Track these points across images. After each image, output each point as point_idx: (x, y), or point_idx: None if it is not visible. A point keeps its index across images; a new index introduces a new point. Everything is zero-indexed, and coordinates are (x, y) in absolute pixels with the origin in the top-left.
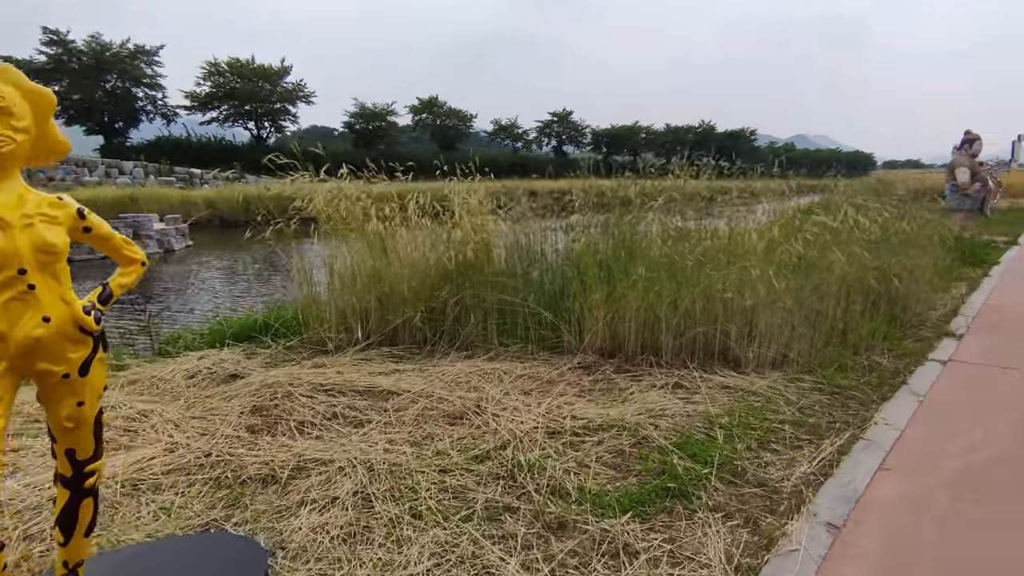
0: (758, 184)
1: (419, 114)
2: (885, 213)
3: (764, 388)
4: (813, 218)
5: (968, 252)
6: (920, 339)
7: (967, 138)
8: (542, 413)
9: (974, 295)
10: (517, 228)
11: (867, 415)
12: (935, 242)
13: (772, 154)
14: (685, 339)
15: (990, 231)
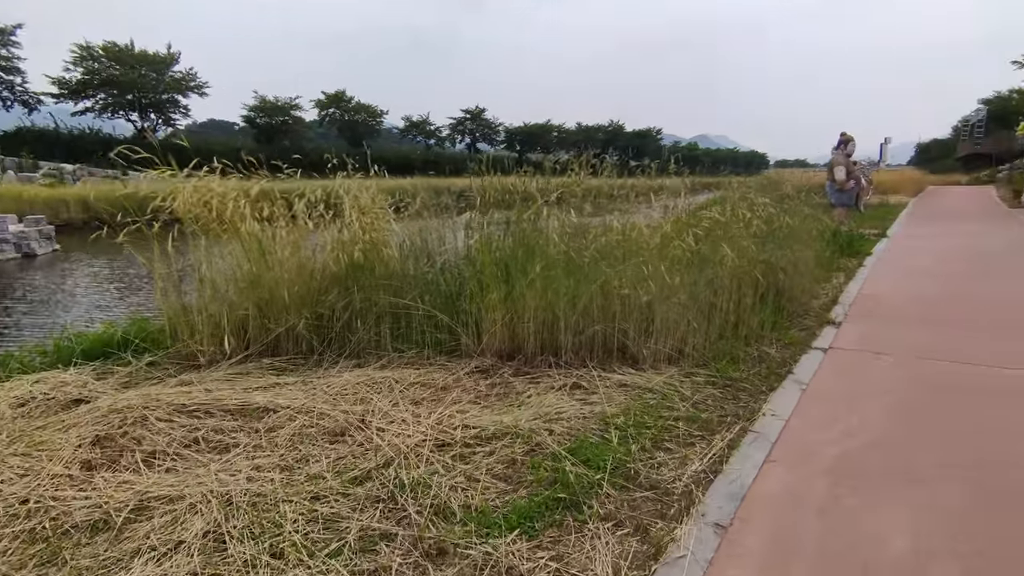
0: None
1: (326, 109)
2: (771, 209)
3: (660, 384)
4: (703, 214)
5: (846, 244)
6: (805, 328)
7: (843, 139)
8: (432, 424)
9: (851, 284)
10: (412, 226)
11: (756, 407)
12: (816, 236)
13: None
14: (584, 337)
15: (864, 225)
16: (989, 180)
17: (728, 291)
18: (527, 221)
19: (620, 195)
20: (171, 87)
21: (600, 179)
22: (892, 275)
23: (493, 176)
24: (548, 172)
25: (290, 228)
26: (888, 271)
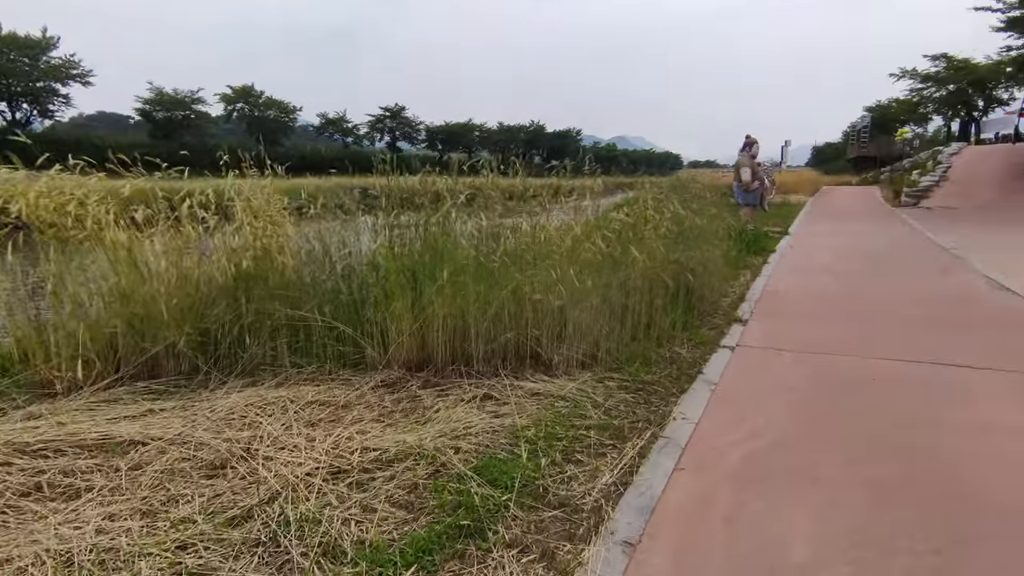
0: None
1: (232, 104)
2: (680, 210)
3: (573, 391)
4: (613, 215)
5: (752, 242)
6: (714, 327)
7: (747, 141)
8: (328, 448)
9: (757, 281)
10: (312, 230)
11: (667, 410)
12: (724, 235)
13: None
14: (497, 345)
15: (768, 223)
16: (874, 181)
17: (640, 293)
18: (435, 224)
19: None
20: (48, 75)
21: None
22: (793, 272)
23: (399, 175)
24: (456, 172)
25: (173, 234)
26: (789, 268)
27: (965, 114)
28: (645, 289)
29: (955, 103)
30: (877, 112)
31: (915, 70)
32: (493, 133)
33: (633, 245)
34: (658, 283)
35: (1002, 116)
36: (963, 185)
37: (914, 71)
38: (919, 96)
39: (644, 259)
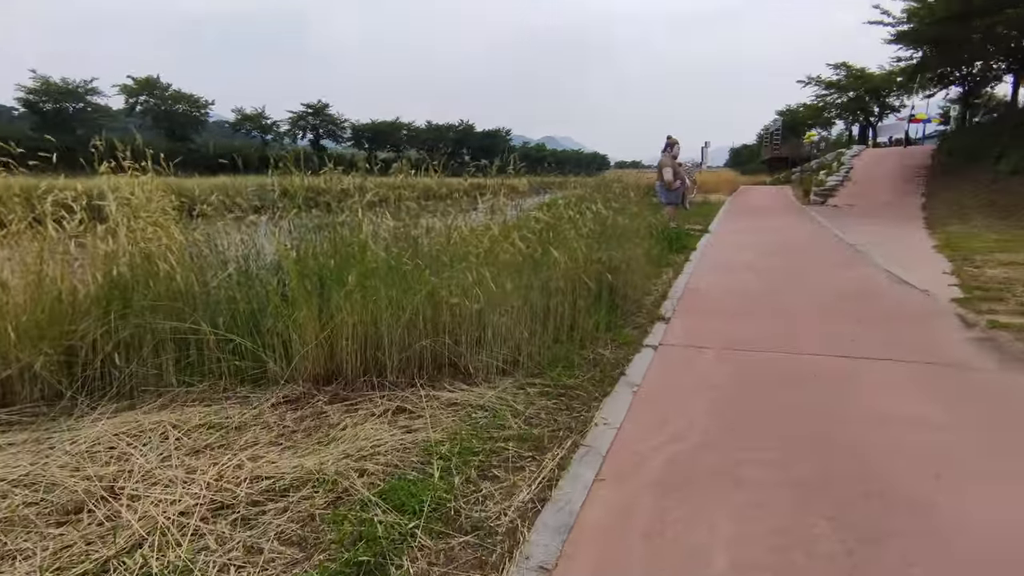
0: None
1: (134, 96)
2: (603, 210)
3: (493, 400)
4: (535, 215)
5: (674, 240)
6: (637, 326)
7: (669, 142)
8: (211, 480)
9: (679, 279)
10: (204, 232)
11: (589, 416)
12: (647, 234)
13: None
14: (412, 353)
15: (690, 221)
16: (786, 181)
17: (563, 294)
18: (344, 225)
19: (454, 196)
20: None
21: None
22: (713, 269)
23: (302, 174)
24: (364, 169)
25: (31, 237)
26: (710, 265)
27: (863, 119)
28: (568, 290)
29: (854, 109)
30: (787, 116)
31: (819, 77)
32: (421, 132)
33: (554, 246)
34: (581, 284)
35: (895, 122)
36: (863, 185)
37: (819, 78)
38: (823, 102)
39: (566, 260)
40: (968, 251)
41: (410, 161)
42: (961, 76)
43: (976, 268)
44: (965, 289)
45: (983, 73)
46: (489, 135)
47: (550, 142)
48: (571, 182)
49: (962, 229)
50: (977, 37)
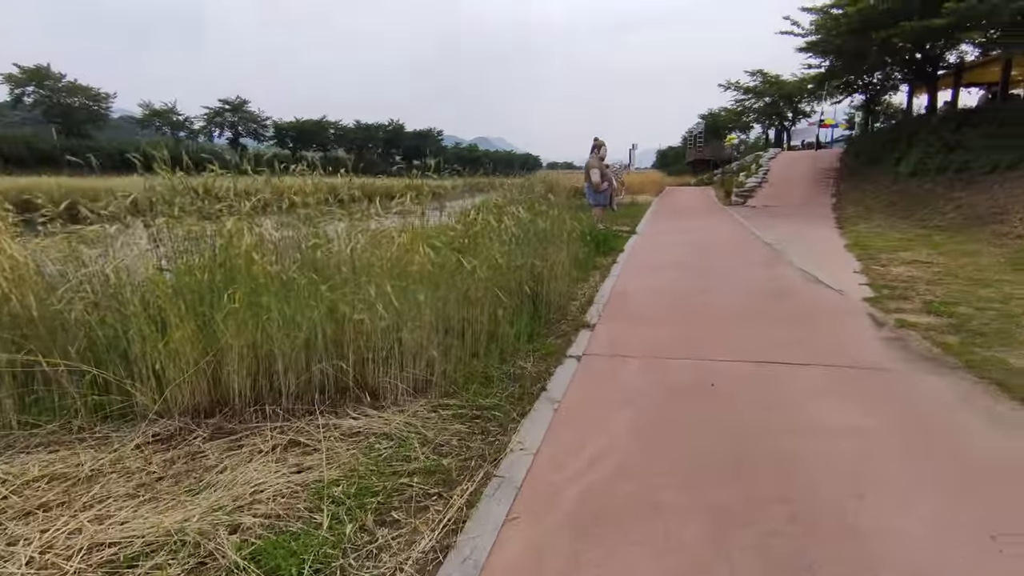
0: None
1: (21, 87)
2: (523, 213)
3: (401, 426)
4: (452, 222)
5: (602, 243)
6: (562, 335)
7: (596, 144)
8: (35, 554)
9: (606, 282)
10: (36, 247)
11: (504, 440)
12: (574, 236)
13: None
14: (311, 376)
15: (618, 222)
16: (709, 182)
17: (482, 304)
18: (229, 233)
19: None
20: None
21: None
22: (640, 271)
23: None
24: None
25: None
26: (637, 267)
27: (778, 123)
28: (488, 300)
29: (770, 113)
30: (710, 119)
31: (738, 83)
32: (349, 131)
33: (473, 254)
34: (505, 291)
35: (807, 126)
36: (780, 186)
37: (737, 83)
38: (742, 106)
39: (484, 268)
40: (875, 250)
41: (313, 162)
42: (863, 85)
43: (883, 267)
44: (874, 288)
45: (882, 83)
46: (420, 135)
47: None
48: (505, 183)
49: (868, 228)
50: (875, 49)
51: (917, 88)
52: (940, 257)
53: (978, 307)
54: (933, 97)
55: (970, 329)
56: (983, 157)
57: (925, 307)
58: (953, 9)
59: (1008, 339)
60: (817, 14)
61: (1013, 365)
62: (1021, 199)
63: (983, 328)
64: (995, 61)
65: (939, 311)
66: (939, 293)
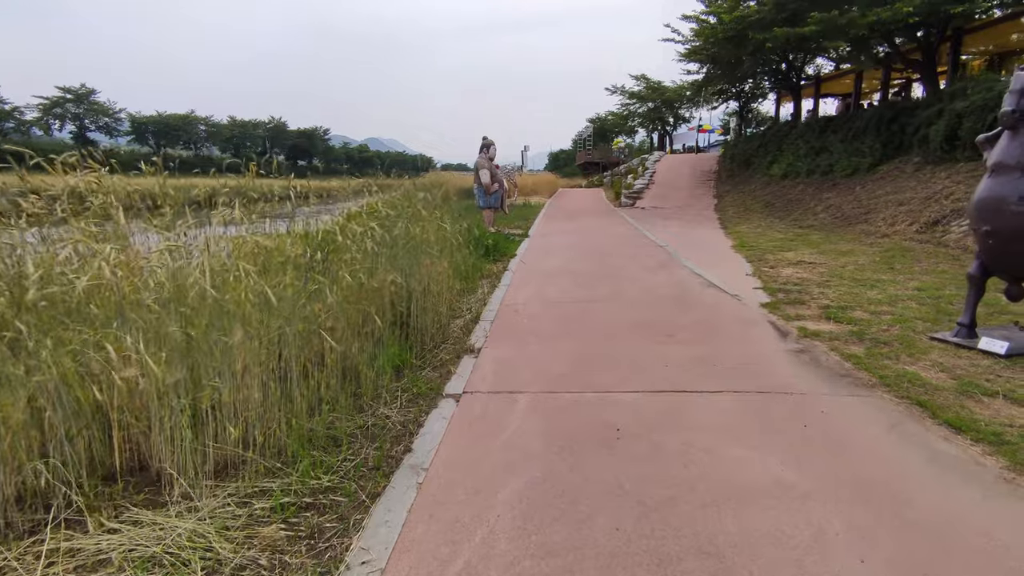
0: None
1: None
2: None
3: (182, 539)
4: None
5: (492, 248)
6: (439, 364)
7: (484, 143)
8: None
9: (495, 293)
10: None
11: (342, 549)
12: (461, 242)
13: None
14: (52, 460)
15: (510, 225)
16: (599, 183)
17: (334, 335)
18: None
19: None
20: None
21: (161, 178)
22: (532, 278)
23: None
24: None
25: None
26: (529, 274)
27: (661, 128)
28: (343, 328)
29: (653, 118)
30: (598, 123)
31: (624, 87)
32: (223, 128)
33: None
34: (374, 312)
35: (687, 131)
36: (665, 188)
37: (623, 88)
38: (628, 110)
39: (339, 290)
40: (760, 250)
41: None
42: (737, 92)
43: (772, 268)
44: (769, 291)
45: (752, 91)
46: (305, 134)
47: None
48: (394, 185)
49: (750, 228)
50: (748, 56)
51: (783, 96)
52: (821, 257)
53: (872, 311)
54: (797, 105)
55: (872, 337)
56: (844, 161)
57: (822, 312)
58: (818, 19)
59: (911, 348)
60: (695, 22)
61: (927, 380)
62: (882, 200)
63: (884, 336)
64: (848, 74)
65: (837, 317)
66: (832, 296)
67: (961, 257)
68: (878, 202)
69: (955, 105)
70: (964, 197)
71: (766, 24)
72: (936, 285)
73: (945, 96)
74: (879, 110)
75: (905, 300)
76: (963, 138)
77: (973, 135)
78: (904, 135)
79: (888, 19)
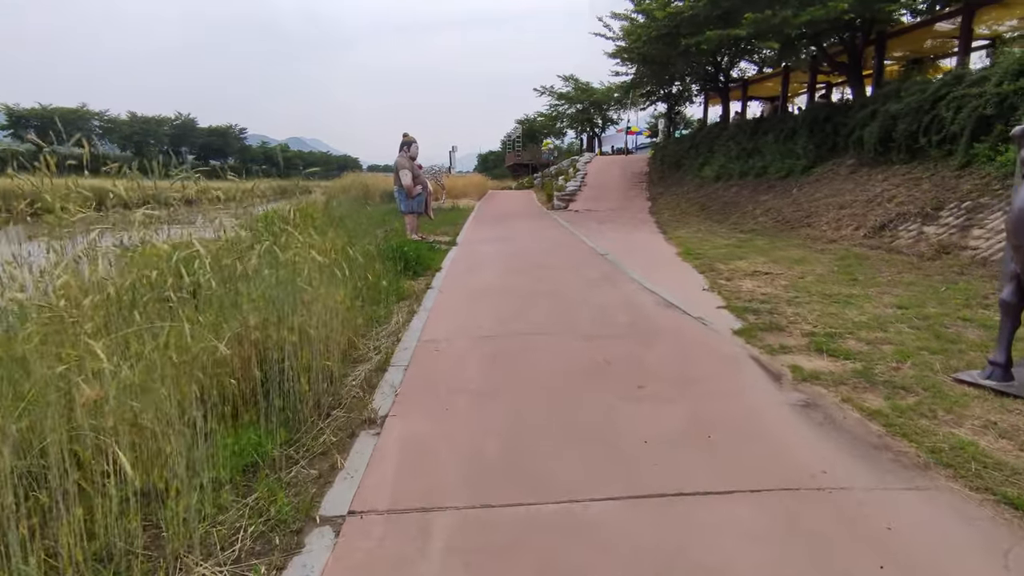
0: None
1: None
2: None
3: None
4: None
5: (414, 260)
6: (322, 452)
7: (405, 140)
8: None
9: (413, 322)
10: None
11: None
12: (374, 256)
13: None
14: None
15: (437, 231)
16: (530, 185)
17: (141, 431)
18: None
19: None
20: None
21: None
22: (458, 300)
23: None
24: None
25: None
26: (454, 293)
27: (590, 130)
28: (168, 411)
29: (582, 119)
30: (526, 124)
31: (552, 88)
32: (122, 124)
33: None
34: (206, 388)
35: (615, 133)
36: (598, 190)
37: (552, 89)
38: (556, 111)
39: (137, 365)
40: (709, 259)
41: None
42: (665, 94)
43: (728, 281)
44: (735, 312)
45: (681, 93)
46: (217, 132)
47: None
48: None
49: (690, 233)
50: (679, 56)
51: (711, 99)
52: (775, 266)
53: (865, 340)
54: (726, 107)
55: (886, 380)
56: (778, 163)
57: (809, 342)
58: (752, 20)
59: (940, 397)
60: (625, 20)
61: (992, 455)
62: (821, 203)
63: (898, 378)
64: (774, 76)
65: (830, 349)
66: (810, 319)
67: (922, 265)
68: (818, 205)
69: (889, 107)
70: (907, 200)
71: (699, 22)
72: (915, 301)
73: (879, 98)
74: (812, 111)
75: (893, 323)
76: (897, 140)
77: (908, 137)
78: (838, 136)
79: (822, 17)
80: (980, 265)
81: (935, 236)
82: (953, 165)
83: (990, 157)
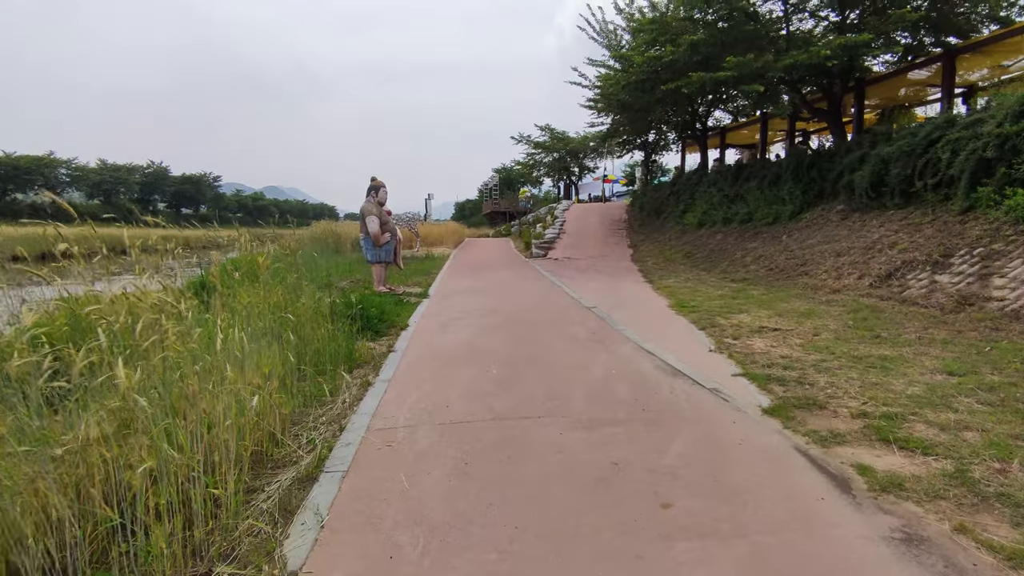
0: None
1: None
2: None
3: None
4: None
5: (377, 318)
6: None
7: (373, 185)
8: None
9: (365, 401)
10: None
11: None
12: (326, 314)
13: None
14: None
15: (407, 282)
16: (507, 233)
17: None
18: None
19: None
20: None
21: None
22: (425, 369)
23: None
24: None
25: None
26: (420, 364)
27: (567, 178)
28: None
29: (559, 168)
30: (504, 173)
31: (529, 137)
32: (91, 172)
33: None
34: None
35: (591, 181)
36: (577, 237)
37: (528, 138)
38: (533, 160)
39: None
40: (707, 312)
41: None
42: (642, 143)
43: (735, 339)
44: (757, 382)
45: (657, 141)
46: (190, 180)
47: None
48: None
49: (679, 283)
50: (655, 102)
51: (689, 146)
52: (782, 320)
53: (935, 423)
54: (704, 154)
55: (996, 491)
56: (764, 209)
57: (865, 426)
58: (734, 63)
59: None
60: (602, 68)
61: None
62: (816, 251)
63: (1014, 487)
64: (753, 123)
65: (898, 439)
66: (852, 391)
67: (946, 319)
68: (812, 252)
69: (880, 150)
70: (911, 247)
71: (678, 68)
72: (965, 366)
73: (866, 142)
74: (796, 156)
75: (956, 396)
76: (891, 184)
77: (902, 181)
78: (824, 182)
79: (804, 63)
80: (1013, 319)
81: (951, 286)
82: (954, 210)
83: (996, 201)
